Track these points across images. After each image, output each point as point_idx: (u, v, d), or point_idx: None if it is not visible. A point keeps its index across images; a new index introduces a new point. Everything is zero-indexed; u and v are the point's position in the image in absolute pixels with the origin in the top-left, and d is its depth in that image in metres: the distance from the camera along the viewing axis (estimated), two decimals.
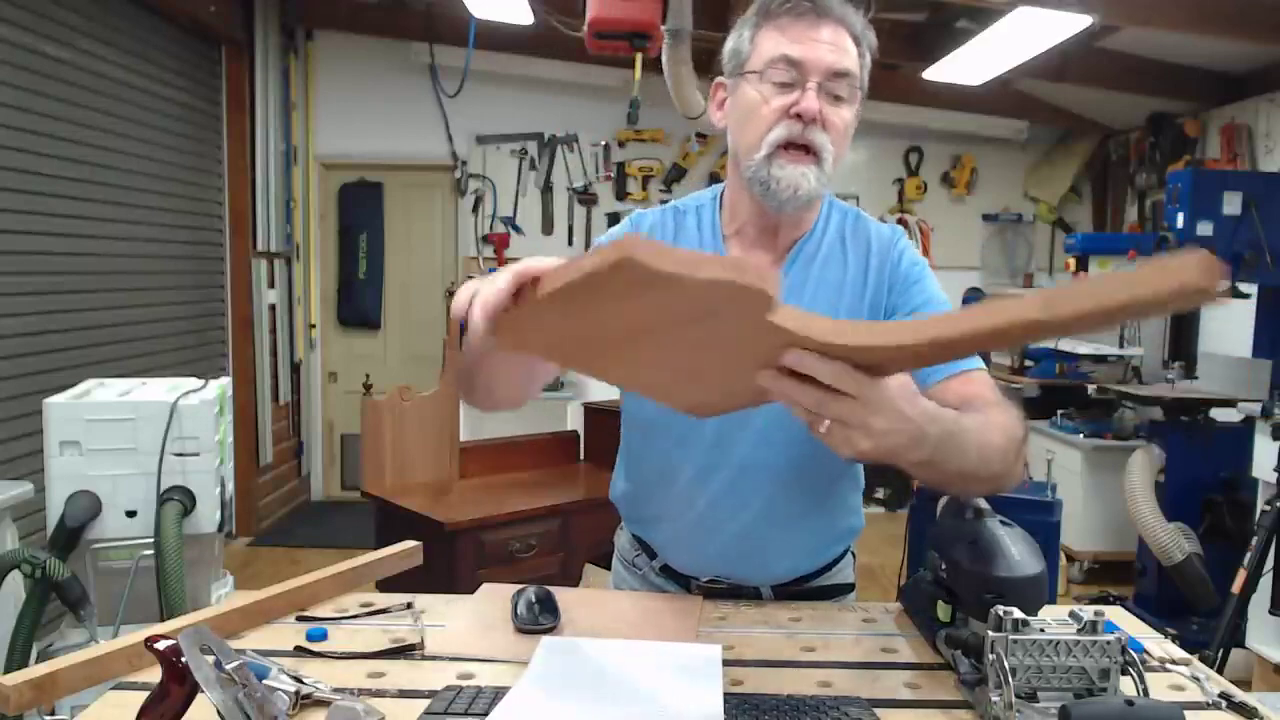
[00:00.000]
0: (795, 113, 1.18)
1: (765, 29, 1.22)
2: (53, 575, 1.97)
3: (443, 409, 3.08)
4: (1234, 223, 3.68)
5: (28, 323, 3.45)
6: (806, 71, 1.18)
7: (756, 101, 1.20)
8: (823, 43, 1.18)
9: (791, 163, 1.19)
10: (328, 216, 6.02)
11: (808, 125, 1.18)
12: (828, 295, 1.29)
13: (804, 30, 1.19)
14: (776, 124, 1.19)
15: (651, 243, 0.76)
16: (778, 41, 1.19)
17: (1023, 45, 4.08)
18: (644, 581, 1.48)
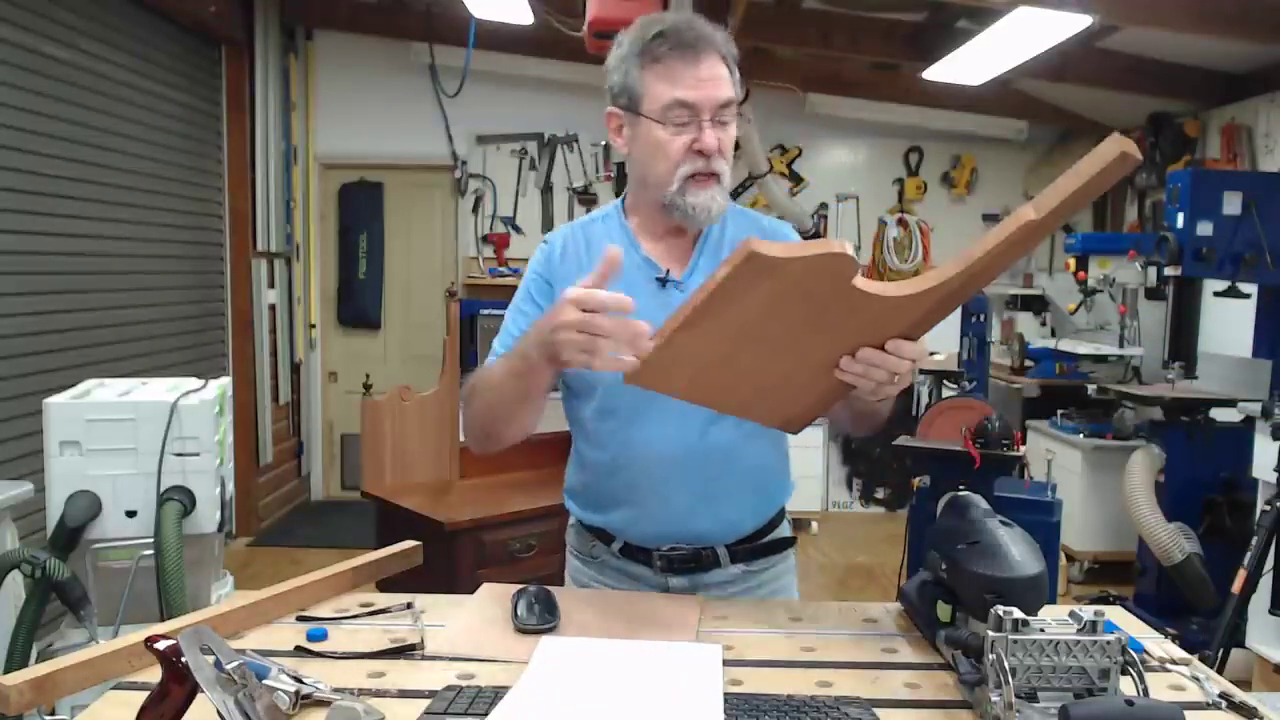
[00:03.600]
0: (697, 149, 1.34)
1: (652, 69, 1.34)
2: (53, 575, 1.97)
3: (443, 409, 3.08)
4: (1234, 223, 3.68)
5: (28, 323, 3.45)
6: (699, 111, 1.33)
7: (661, 141, 1.35)
8: (707, 80, 1.33)
9: (701, 189, 1.36)
10: (328, 216, 6.02)
11: (710, 158, 1.34)
12: None
13: (688, 70, 1.33)
14: (683, 161, 1.35)
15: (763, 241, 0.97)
16: (668, 86, 1.33)
17: (1023, 45, 4.08)
18: (603, 568, 1.53)
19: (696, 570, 1.48)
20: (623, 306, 1.10)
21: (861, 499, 6.17)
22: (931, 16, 4.61)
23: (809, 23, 4.77)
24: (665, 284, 1.43)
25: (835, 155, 6.03)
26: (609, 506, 1.50)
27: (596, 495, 1.51)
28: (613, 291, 1.16)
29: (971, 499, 1.30)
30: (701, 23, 1.36)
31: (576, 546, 1.59)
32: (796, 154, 5.96)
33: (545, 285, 1.47)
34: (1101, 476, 4.53)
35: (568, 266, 1.45)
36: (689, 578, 1.48)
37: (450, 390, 3.10)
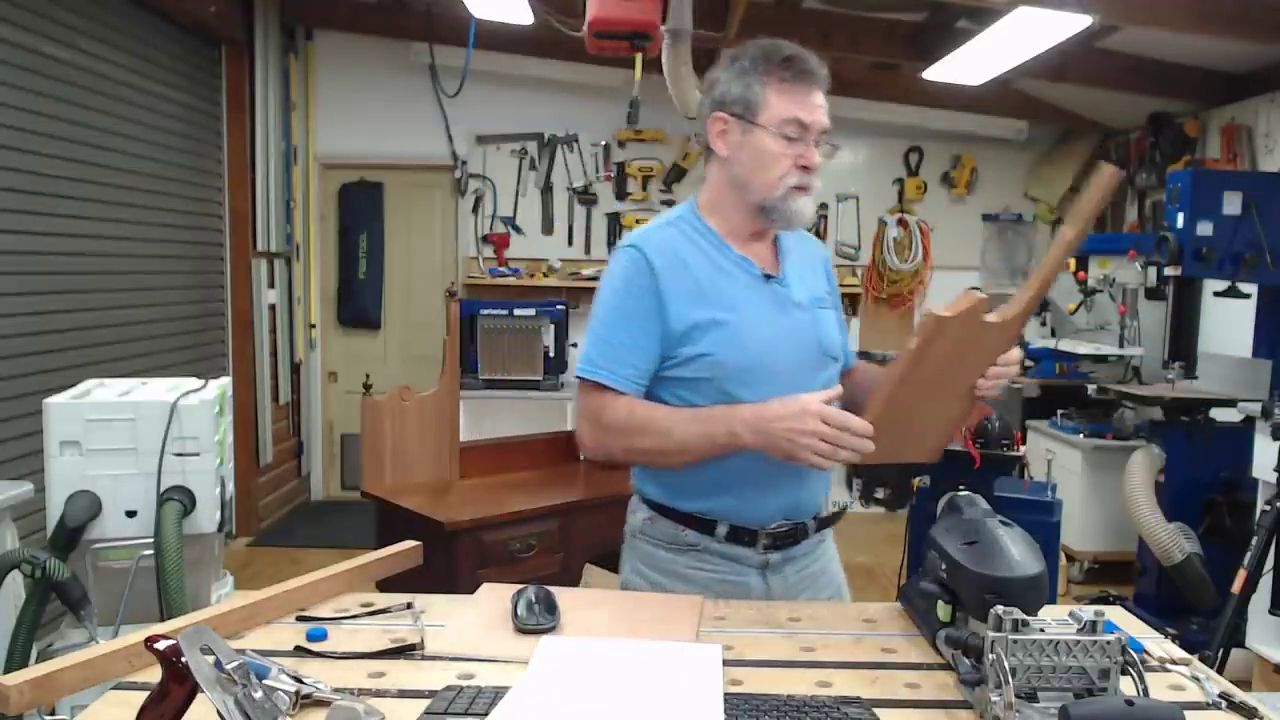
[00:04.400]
0: (803, 164, 1.52)
1: (776, 87, 1.51)
2: (53, 575, 1.97)
3: (443, 409, 3.08)
4: (1234, 223, 3.68)
5: (28, 323, 3.45)
6: (810, 132, 1.52)
7: (773, 152, 1.52)
8: (819, 107, 1.53)
9: (801, 197, 1.54)
10: (328, 216, 6.02)
11: (811, 173, 1.53)
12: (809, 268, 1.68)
13: (806, 96, 1.51)
14: (790, 173, 1.52)
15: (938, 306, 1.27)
16: (788, 105, 1.51)
17: (1023, 45, 4.08)
18: (700, 554, 1.58)
19: (791, 544, 1.58)
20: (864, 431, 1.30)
21: (861, 499, 6.17)
22: (931, 16, 4.61)
23: (809, 23, 4.76)
24: (769, 280, 1.58)
25: (835, 155, 6.02)
26: (718, 493, 1.55)
27: (705, 483, 1.55)
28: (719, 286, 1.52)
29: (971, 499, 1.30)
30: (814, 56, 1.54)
31: (661, 537, 1.61)
32: None
33: (653, 298, 1.52)
34: (1101, 476, 4.52)
35: (673, 280, 1.53)
36: (783, 552, 1.58)
37: (450, 390, 3.10)
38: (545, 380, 5.28)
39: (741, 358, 1.50)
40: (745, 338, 1.51)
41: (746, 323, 1.52)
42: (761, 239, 1.62)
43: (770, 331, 1.54)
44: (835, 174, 6.02)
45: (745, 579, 1.56)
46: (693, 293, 1.52)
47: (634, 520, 1.66)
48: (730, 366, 1.50)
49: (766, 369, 1.51)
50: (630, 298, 1.53)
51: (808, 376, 1.54)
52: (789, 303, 1.58)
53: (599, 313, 1.57)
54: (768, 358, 1.52)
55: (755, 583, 1.56)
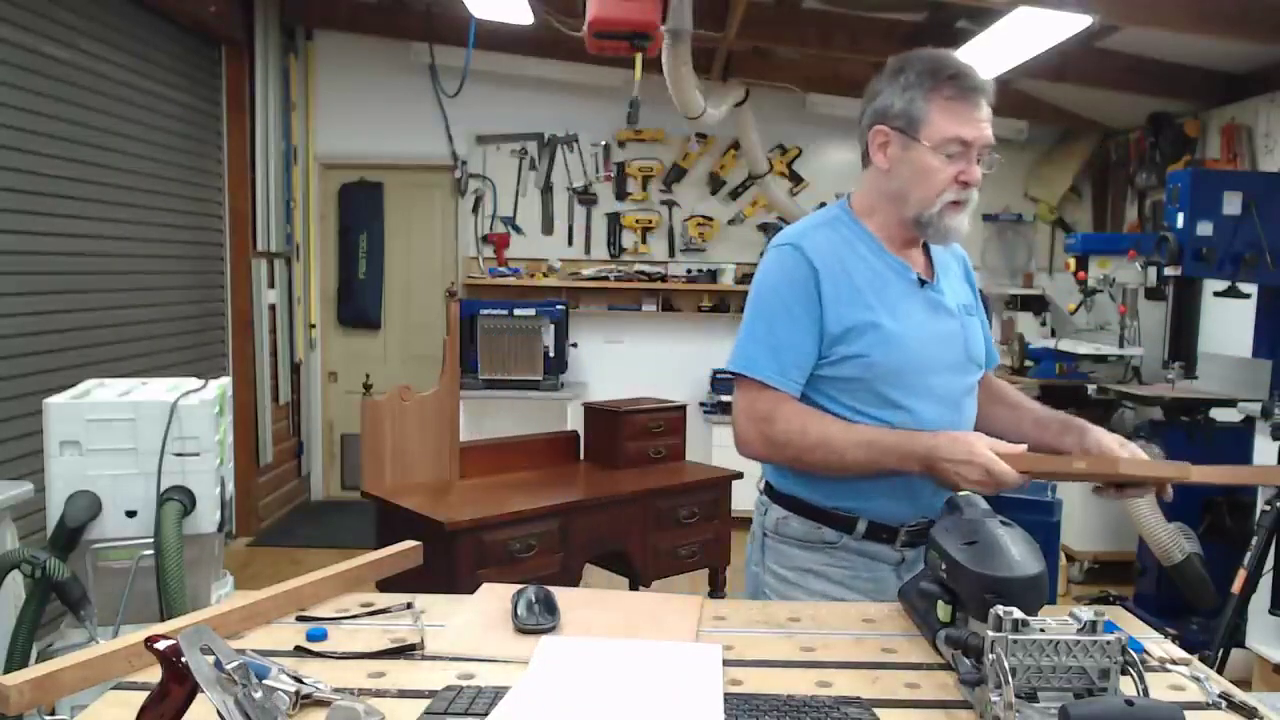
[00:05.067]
0: (963, 181, 1.52)
1: (939, 104, 1.51)
2: (53, 575, 1.97)
3: (443, 409, 3.08)
4: (1234, 223, 3.68)
5: (28, 323, 3.44)
6: (972, 148, 1.51)
7: (933, 168, 1.52)
8: (984, 122, 1.52)
9: (957, 213, 1.55)
10: (328, 216, 6.02)
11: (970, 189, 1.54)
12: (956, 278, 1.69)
13: (971, 112, 1.50)
14: (948, 189, 1.52)
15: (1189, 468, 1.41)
16: (951, 123, 1.50)
17: (1023, 45, 4.08)
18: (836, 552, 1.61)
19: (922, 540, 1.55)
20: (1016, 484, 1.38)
21: None
22: (931, 16, 4.60)
23: (809, 23, 4.76)
24: (923, 285, 1.60)
25: (835, 155, 6.03)
26: (863, 494, 1.57)
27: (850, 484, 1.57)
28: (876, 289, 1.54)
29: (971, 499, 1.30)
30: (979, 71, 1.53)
31: (795, 535, 1.63)
32: (796, 154, 5.96)
33: (814, 298, 1.53)
34: None
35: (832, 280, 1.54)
36: (918, 549, 1.57)
37: (450, 390, 3.10)
38: (545, 380, 5.28)
39: (895, 361, 1.53)
40: (900, 341, 1.53)
41: (902, 326, 1.54)
42: (915, 244, 1.64)
43: (924, 336, 1.56)
44: (835, 174, 6.02)
45: (881, 574, 1.60)
46: (850, 294, 1.54)
47: (765, 519, 1.69)
48: (883, 369, 1.53)
49: (918, 373, 1.54)
50: (792, 297, 1.54)
51: (955, 381, 1.59)
52: (941, 308, 1.61)
53: (759, 310, 1.58)
54: (920, 362, 1.55)
55: (890, 578, 1.59)
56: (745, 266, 5.93)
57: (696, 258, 5.95)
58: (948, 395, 1.57)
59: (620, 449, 3.35)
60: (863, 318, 1.53)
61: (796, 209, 5.82)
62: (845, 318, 1.53)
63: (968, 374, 1.63)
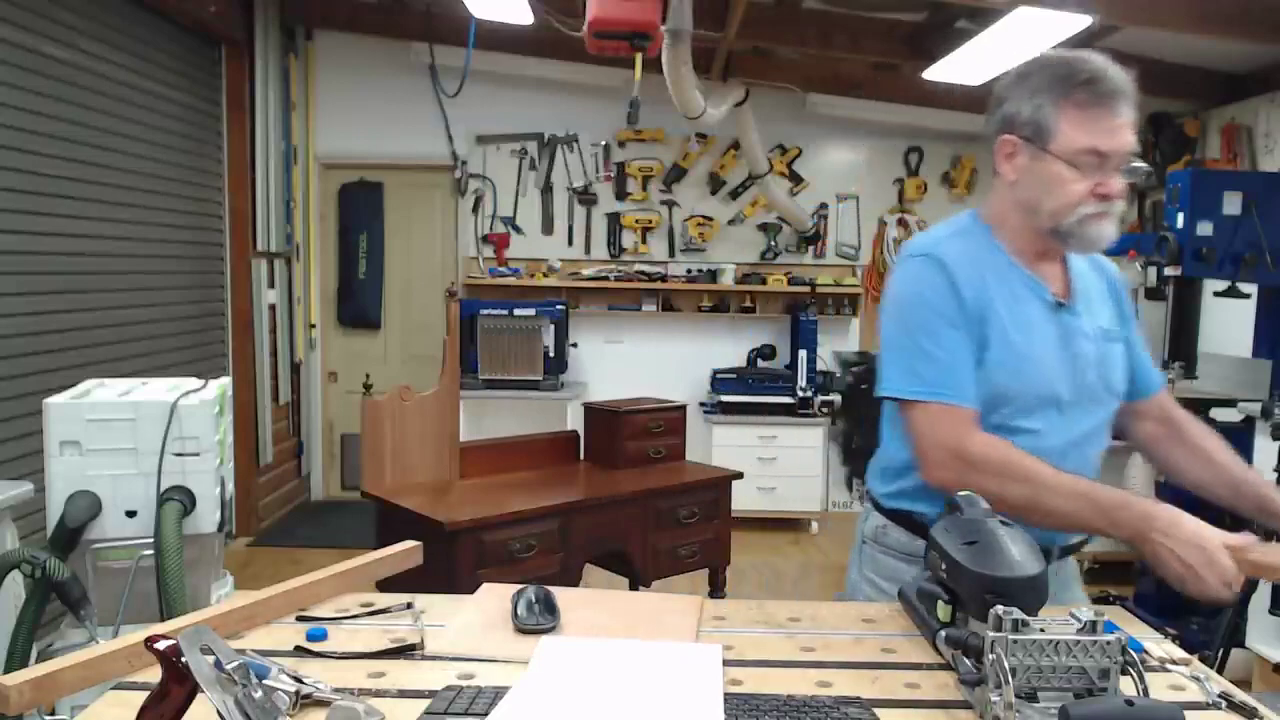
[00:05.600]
0: (1101, 193, 1.40)
1: (1070, 113, 1.39)
2: (53, 575, 1.97)
3: (443, 409, 3.08)
4: (1234, 223, 3.67)
5: (28, 323, 3.45)
6: (1110, 159, 1.39)
7: (1066, 180, 1.41)
8: (1122, 129, 1.39)
9: (1099, 222, 1.43)
10: (328, 216, 6.02)
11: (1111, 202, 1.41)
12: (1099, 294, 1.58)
13: (1107, 119, 1.38)
14: (1084, 202, 1.41)
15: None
16: (1085, 132, 1.38)
17: (1023, 45, 4.07)
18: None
19: None
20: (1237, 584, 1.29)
21: (861, 499, 6.16)
22: (931, 16, 4.60)
23: (809, 23, 4.76)
24: (1060, 308, 1.50)
25: (835, 155, 6.03)
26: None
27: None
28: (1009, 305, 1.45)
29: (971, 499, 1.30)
30: (1117, 70, 1.39)
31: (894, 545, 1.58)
32: (796, 154, 5.96)
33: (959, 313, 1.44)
34: (1102, 476, 4.51)
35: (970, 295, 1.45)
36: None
37: (450, 390, 3.10)
38: (545, 380, 5.29)
39: (1022, 387, 1.44)
40: (1030, 366, 1.45)
41: (1034, 351, 1.45)
42: (1051, 259, 1.52)
43: (1054, 362, 1.46)
44: (835, 174, 6.02)
45: None
46: (986, 311, 1.44)
47: (867, 526, 1.64)
48: (1008, 392, 1.45)
49: (1044, 400, 1.46)
50: (944, 307, 1.44)
51: (1084, 412, 1.49)
52: (1077, 334, 1.49)
53: (911, 324, 1.46)
54: (1048, 389, 1.46)
55: None
56: (745, 266, 5.93)
57: (696, 258, 5.95)
58: (1074, 427, 1.47)
59: (620, 449, 3.35)
60: (995, 337, 1.44)
61: (796, 209, 5.82)
62: (979, 335, 1.44)
63: (1101, 405, 1.52)
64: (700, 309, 5.96)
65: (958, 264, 1.46)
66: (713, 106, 4.63)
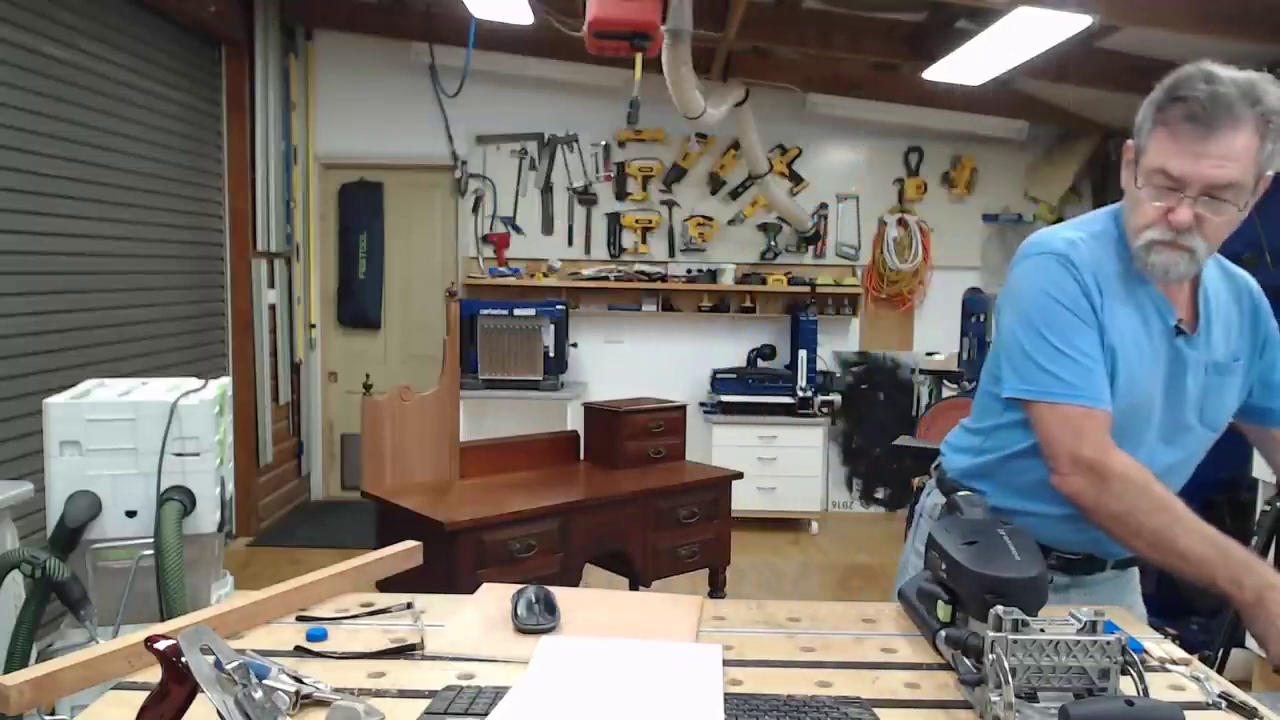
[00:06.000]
0: (1169, 221, 1.31)
1: (1159, 129, 1.31)
2: (53, 575, 1.97)
3: (443, 409, 3.08)
4: None
5: (28, 323, 3.45)
6: (1185, 185, 1.29)
7: (1139, 199, 1.35)
8: (1207, 158, 1.27)
9: (1163, 253, 1.34)
10: (328, 216, 6.02)
11: (1180, 234, 1.31)
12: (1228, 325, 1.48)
13: (1191, 143, 1.27)
14: (1153, 225, 1.33)
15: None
16: (1163, 150, 1.30)
17: (1023, 45, 4.07)
18: None
19: (1082, 572, 1.51)
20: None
21: (861, 499, 6.17)
22: (931, 16, 4.60)
23: (809, 23, 4.76)
24: (1179, 334, 1.42)
25: (835, 155, 6.03)
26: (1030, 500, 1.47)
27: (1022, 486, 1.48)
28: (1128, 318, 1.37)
29: (971, 499, 1.30)
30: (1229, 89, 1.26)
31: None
32: (796, 154, 5.96)
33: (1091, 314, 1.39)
34: None
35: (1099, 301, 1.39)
36: (1071, 576, 1.51)
37: (450, 390, 3.10)
38: (545, 380, 5.29)
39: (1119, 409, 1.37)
40: (1133, 390, 1.39)
41: (1137, 373, 1.39)
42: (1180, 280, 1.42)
43: (1155, 390, 1.41)
44: (835, 174, 6.02)
45: None
46: (1114, 322, 1.39)
47: (926, 501, 1.65)
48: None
49: (1132, 425, 1.40)
50: (1079, 309, 1.38)
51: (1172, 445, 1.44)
52: (1189, 365, 1.42)
53: (1046, 323, 1.39)
54: (1137, 418, 1.40)
55: None
56: (745, 266, 5.93)
57: (696, 258, 5.95)
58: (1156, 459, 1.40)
59: (620, 449, 3.35)
60: (1113, 348, 1.38)
61: (796, 209, 5.82)
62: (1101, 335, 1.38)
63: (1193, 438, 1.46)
64: (700, 309, 5.96)
65: (1087, 268, 1.40)
66: (713, 106, 4.63)
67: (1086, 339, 1.38)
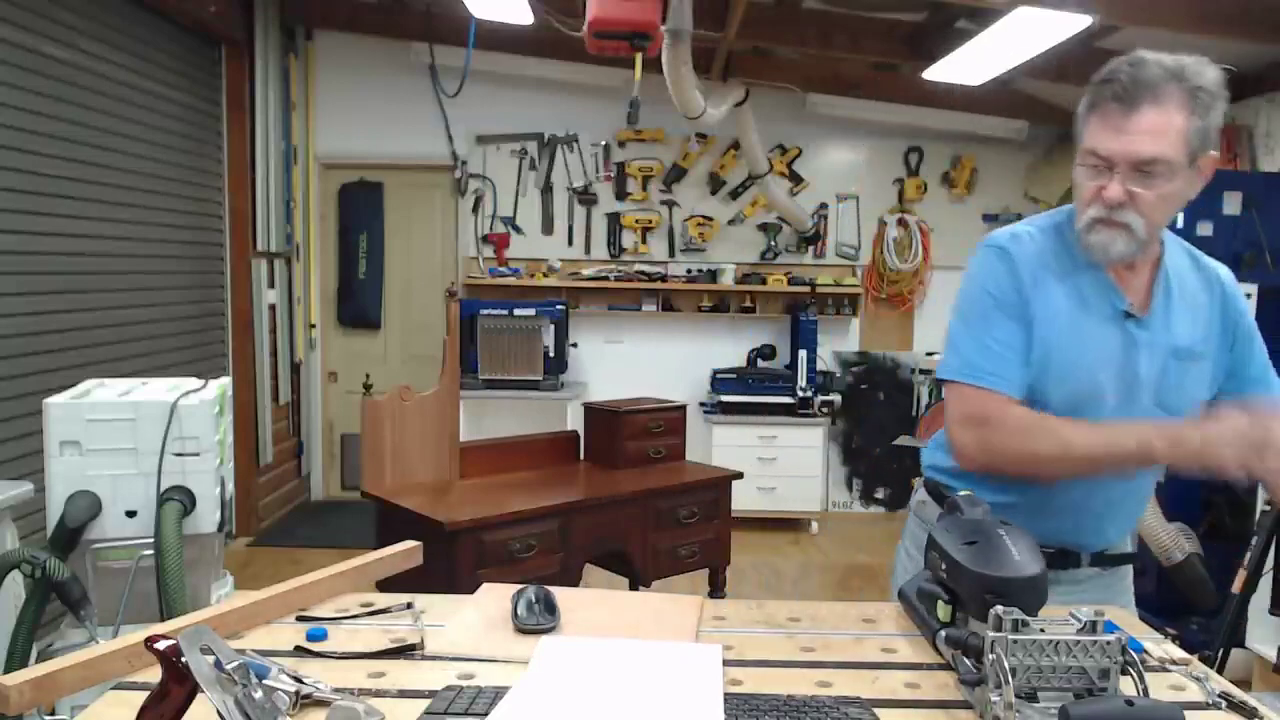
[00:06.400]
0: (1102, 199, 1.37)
1: (1091, 110, 1.39)
2: (53, 575, 1.97)
3: (443, 409, 3.08)
4: (1234, 223, 3.68)
5: (28, 323, 3.45)
6: (1113, 163, 1.35)
7: (1078, 181, 1.41)
8: (1132, 134, 1.32)
9: (1101, 231, 1.39)
10: (328, 216, 6.02)
11: (1112, 209, 1.37)
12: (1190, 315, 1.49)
13: (1117, 120, 1.34)
14: (1091, 204, 1.39)
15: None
16: (1093, 131, 1.37)
17: (1023, 45, 4.07)
18: None
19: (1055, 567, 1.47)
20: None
21: (861, 499, 6.17)
22: (931, 16, 4.61)
23: (809, 23, 4.76)
24: (1128, 318, 1.44)
25: (835, 155, 6.03)
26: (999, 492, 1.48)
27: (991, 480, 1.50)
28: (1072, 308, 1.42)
29: (972, 499, 1.30)
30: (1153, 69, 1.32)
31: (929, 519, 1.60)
32: (796, 154, 5.96)
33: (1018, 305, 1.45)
34: None
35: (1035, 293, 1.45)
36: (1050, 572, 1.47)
37: (450, 390, 3.10)
38: (545, 380, 5.29)
39: (1062, 392, 1.42)
40: (1077, 377, 1.42)
41: (1086, 361, 1.42)
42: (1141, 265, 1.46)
43: (1104, 375, 1.43)
44: (835, 174, 6.02)
45: None
46: (1047, 311, 1.43)
47: (914, 500, 1.70)
48: (1044, 397, 1.43)
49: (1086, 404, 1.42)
50: (1006, 300, 1.44)
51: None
52: (1142, 348, 1.44)
53: (975, 313, 1.47)
54: (1087, 404, 1.42)
55: None
56: (745, 266, 5.93)
57: (696, 258, 5.95)
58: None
59: (620, 449, 3.35)
60: (1051, 338, 1.42)
61: (796, 209, 5.82)
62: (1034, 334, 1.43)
63: None
64: (700, 309, 5.96)
65: (1023, 258, 1.45)
66: (713, 106, 4.63)
67: (1006, 329, 1.44)
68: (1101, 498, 1.49)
